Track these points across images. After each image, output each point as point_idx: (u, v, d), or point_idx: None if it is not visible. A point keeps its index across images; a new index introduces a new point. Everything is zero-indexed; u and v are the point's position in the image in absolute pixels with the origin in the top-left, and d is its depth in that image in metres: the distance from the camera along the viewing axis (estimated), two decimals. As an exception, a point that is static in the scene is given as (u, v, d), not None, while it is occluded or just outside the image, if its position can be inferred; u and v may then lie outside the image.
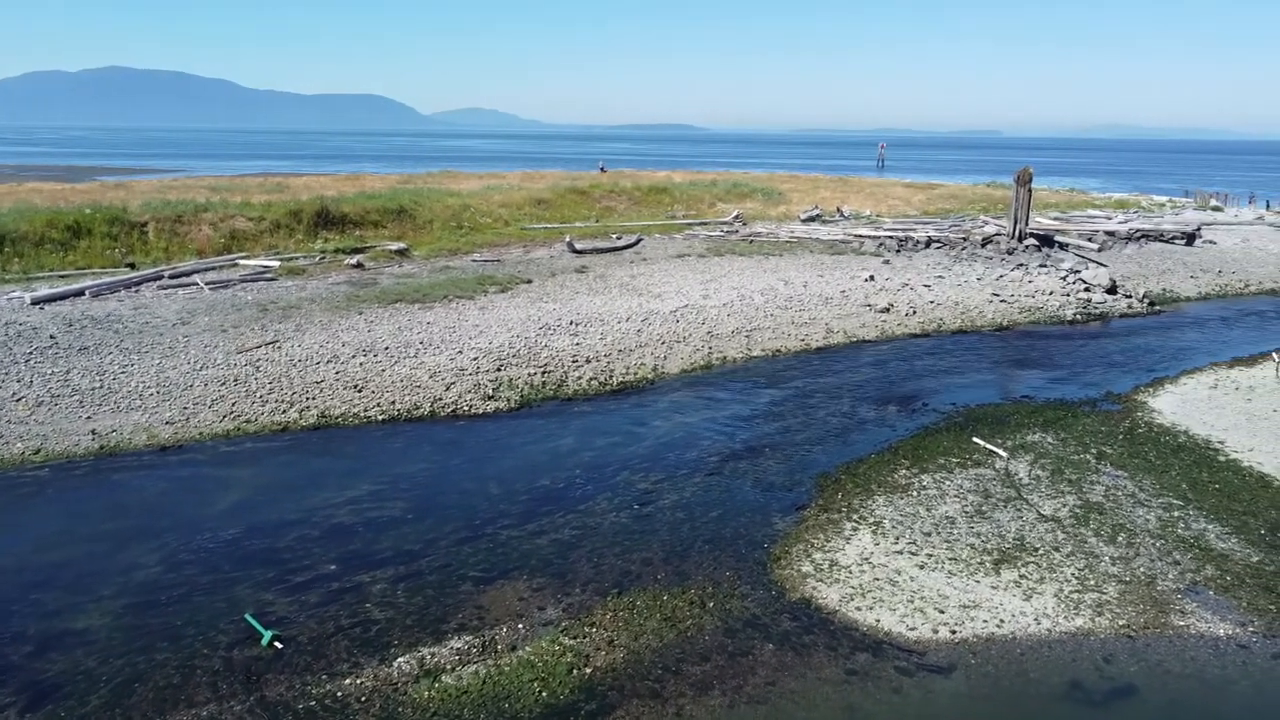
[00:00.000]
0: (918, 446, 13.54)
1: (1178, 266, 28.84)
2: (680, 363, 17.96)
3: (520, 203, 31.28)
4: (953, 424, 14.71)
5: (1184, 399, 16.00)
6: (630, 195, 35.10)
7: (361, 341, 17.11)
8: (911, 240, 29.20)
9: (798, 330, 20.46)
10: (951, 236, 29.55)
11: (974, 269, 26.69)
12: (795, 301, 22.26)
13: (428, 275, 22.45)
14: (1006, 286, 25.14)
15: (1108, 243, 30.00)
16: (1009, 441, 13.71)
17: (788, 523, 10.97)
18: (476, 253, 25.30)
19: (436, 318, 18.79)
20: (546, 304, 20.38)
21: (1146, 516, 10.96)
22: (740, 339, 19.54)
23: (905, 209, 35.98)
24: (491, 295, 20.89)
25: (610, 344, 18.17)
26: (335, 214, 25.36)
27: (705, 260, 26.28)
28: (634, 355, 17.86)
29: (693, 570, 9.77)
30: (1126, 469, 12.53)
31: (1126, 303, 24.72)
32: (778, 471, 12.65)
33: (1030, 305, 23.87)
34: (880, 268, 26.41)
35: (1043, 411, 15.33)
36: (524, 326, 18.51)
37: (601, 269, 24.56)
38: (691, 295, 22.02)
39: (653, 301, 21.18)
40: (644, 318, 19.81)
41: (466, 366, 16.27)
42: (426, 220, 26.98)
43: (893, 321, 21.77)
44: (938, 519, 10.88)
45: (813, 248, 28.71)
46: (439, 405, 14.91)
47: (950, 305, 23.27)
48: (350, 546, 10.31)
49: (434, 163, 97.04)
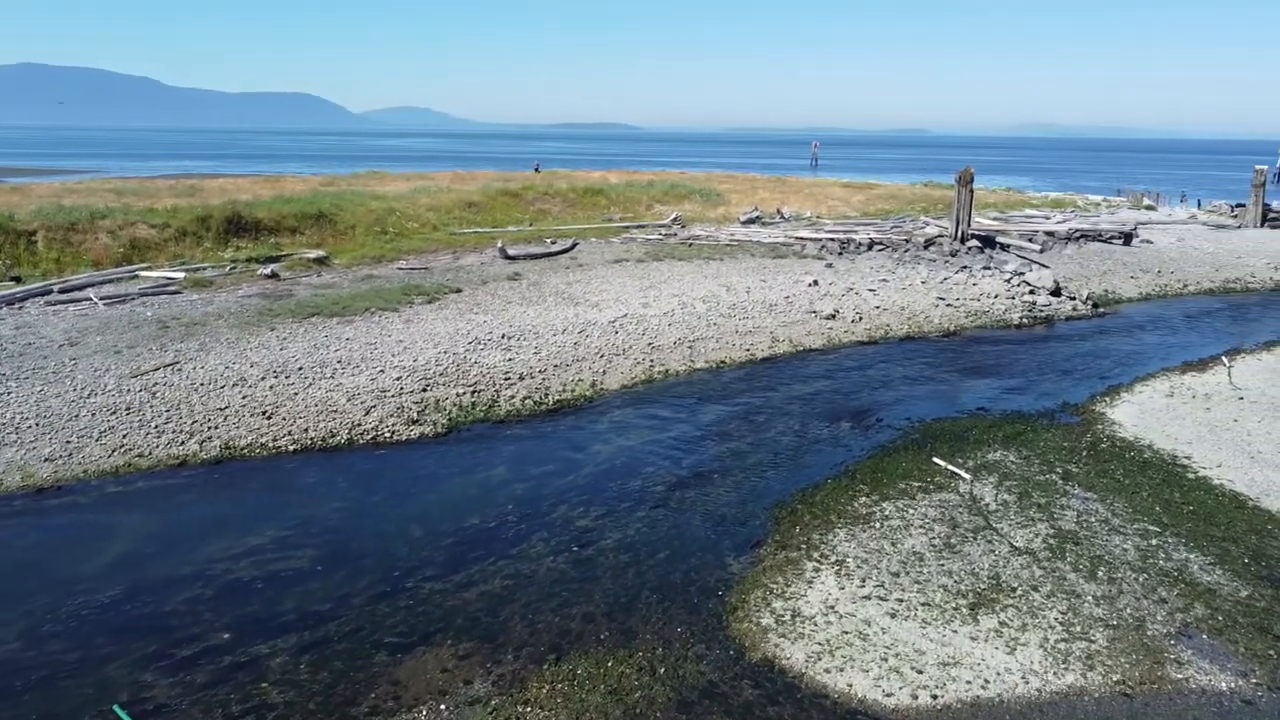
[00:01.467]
0: (876, 469, 12.68)
1: (1118, 267, 28.70)
2: (620, 377, 16.89)
3: (450, 206, 29.87)
4: (910, 442, 13.89)
5: (1143, 409, 15.45)
6: (565, 197, 33.90)
7: (273, 361, 15.67)
8: (854, 242, 28.57)
9: (742, 340, 19.54)
10: (894, 238, 28.99)
11: (918, 272, 26.12)
12: (739, 309, 21.35)
13: (349, 285, 21.00)
14: (952, 290, 24.60)
15: (1048, 243, 29.76)
16: (970, 461, 12.94)
17: (743, 563, 9.96)
18: (402, 260, 23.88)
19: (357, 333, 17.40)
20: (477, 315, 19.12)
21: (1124, 546, 10.21)
22: (683, 350, 18.54)
23: (845, 210, 35.42)
24: (418, 306, 19.55)
25: (545, 359, 17.01)
26: (248, 220, 23.68)
27: (644, 265, 25.26)
28: (571, 370, 16.74)
29: (640, 626, 8.69)
30: (1096, 490, 11.82)
31: (1071, 305, 24.37)
32: (729, 501, 11.66)
33: (976, 309, 23.35)
34: (823, 271, 25.68)
35: (1001, 426, 14.62)
36: (452, 341, 17.23)
37: (536, 276, 23.36)
38: (631, 304, 20.96)
39: (590, 311, 20.07)
40: (581, 329, 18.68)
41: (389, 388, 14.96)
42: (348, 225, 25.42)
43: (839, 329, 21.00)
44: (905, 555, 9.98)
45: (754, 251, 27.88)
46: (358, 432, 13.61)
47: (896, 310, 22.61)
48: (249, 608, 9.01)
49: (363, 163, 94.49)
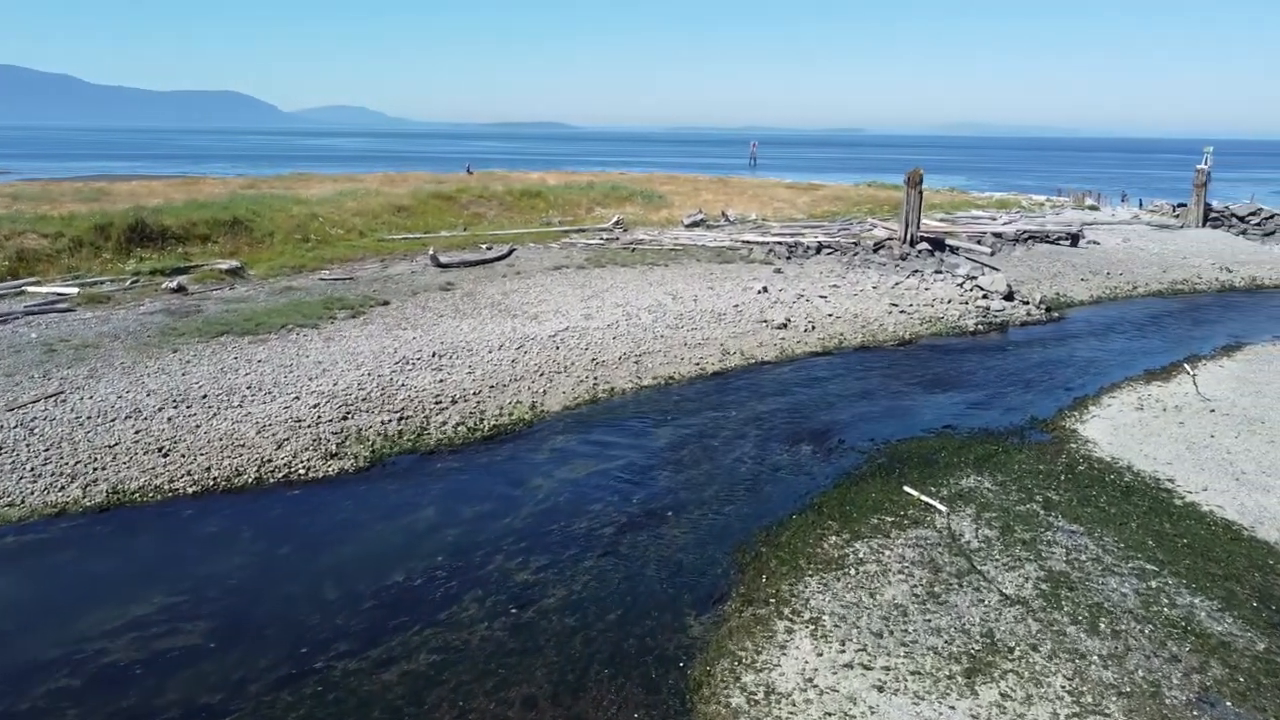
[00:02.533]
0: (844, 501, 11.60)
1: (1067, 269, 28.25)
2: (562, 398, 15.60)
3: (378, 210, 28.20)
4: (877, 467, 12.86)
5: (1115, 425, 14.65)
6: (501, 200, 32.43)
7: (173, 389, 14.03)
8: (802, 246, 27.65)
9: (691, 353, 18.39)
10: (842, 241, 28.16)
11: (869, 276, 25.28)
12: (686, 319, 20.20)
13: (264, 299, 19.33)
14: (904, 296, 23.79)
15: (997, 245, 29.22)
16: (944, 489, 11.94)
17: (706, 624, 8.77)
18: (325, 269, 22.25)
19: (270, 353, 15.81)
20: (405, 331, 17.64)
21: (1122, 590, 9.26)
22: (629, 366, 17.32)
23: (791, 211, 34.56)
24: (340, 322, 17.99)
25: (480, 379, 15.64)
26: (154, 227, 21.77)
27: (585, 273, 23.97)
28: (508, 392, 15.40)
29: (591, 711, 7.44)
30: (1081, 522, 10.89)
31: (1025, 309, 23.74)
32: (686, 545, 10.46)
33: (930, 315, 22.55)
34: (772, 277, 24.68)
35: (971, 446, 13.68)
36: (377, 361, 15.75)
37: (470, 285, 21.92)
38: (572, 315, 19.66)
39: (529, 324, 18.72)
40: (519, 345, 17.34)
41: (304, 416, 13.45)
42: (266, 232, 23.66)
43: (791, 339, 19.98)
44: (886, 609, 8.89)
45: (699, 256, 26.79)
46: (268, 470, 12.11)
47: (849, 318, 21.68)
48: (123, 702, 7.56)
49: (291, 163, 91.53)
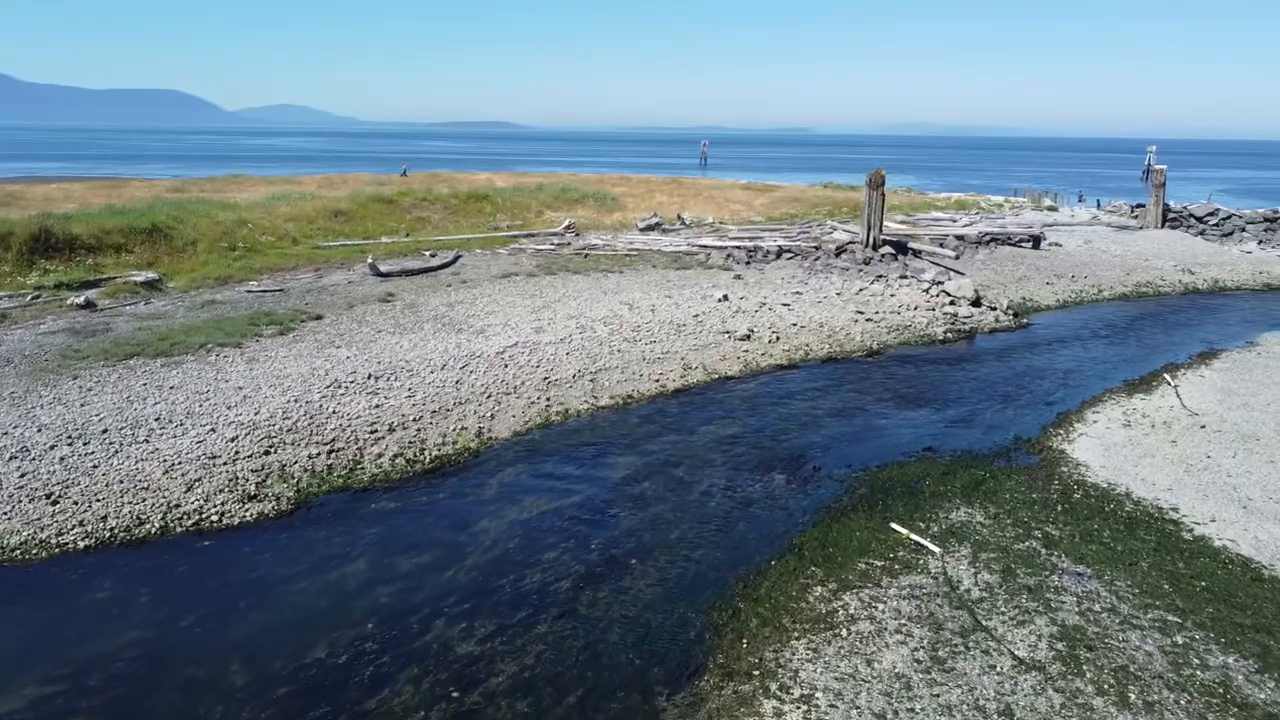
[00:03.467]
0: (826, 541, 10.45)
1: (1032, 272, 27.56)
2: (512, 423, 14.28)
3: (313, 215, 26.53)
4: (858, 499, 11.75)
5: (1104, 444, 13.73)
6: (446, 203, 30.89)
7: (69, 422, 12.43)
8: (761, 250, 26.59)
9: (650, 369, 17.17)
10: (803, 245, 27.15)
11: (831, 282, 24.30)
12: (644, 331, 18.97)
13: (184, 314, 17.67)
14: (869, 302, 22.83)
15: (959, 248, 28.45)
16: (933, 525, 10.86)
17: (681, 706, 7.53)
18: (254, 280, 20.60)
19: (185, 378, 14.23)
20: (339, 349, 16.15)
21: (1147, 648, 8.21)
22: (584, 384, 16.04)
23: (748, 214, 33.51)
24: (267, 340, 16.43)
25: (422, 403, 14.24)
26: (61, 236, 19.91)
27: (536, 281, 22.62)
28: (453, 417, 14.03)
29: (547, 833, 6.17)
30: (1088, 562, 9.86)
31: (993, 316, 22.92)
32: (653, 601, 9.22)
33: (898, 323, 21.59)
34: (732, 284, 23.57)
35: (956, 472, 12.64)
36: (306, 385, 14.26)
37: (412, 296, 20.45)
38: (522, 329, 18.32)
39: (475, 340, 17.34)
40: (464, 364, 15.96)
41: (220, 452, 11.96)
42: (189, 241, 21.90)
43: (755, 351, 18.86)
44: (886, 681, 7.73)
45: (656, 261, 25.58)
46: (175, 516, 10.63)
47: (815, 328, 20.63)
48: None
49: (231, 164, 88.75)
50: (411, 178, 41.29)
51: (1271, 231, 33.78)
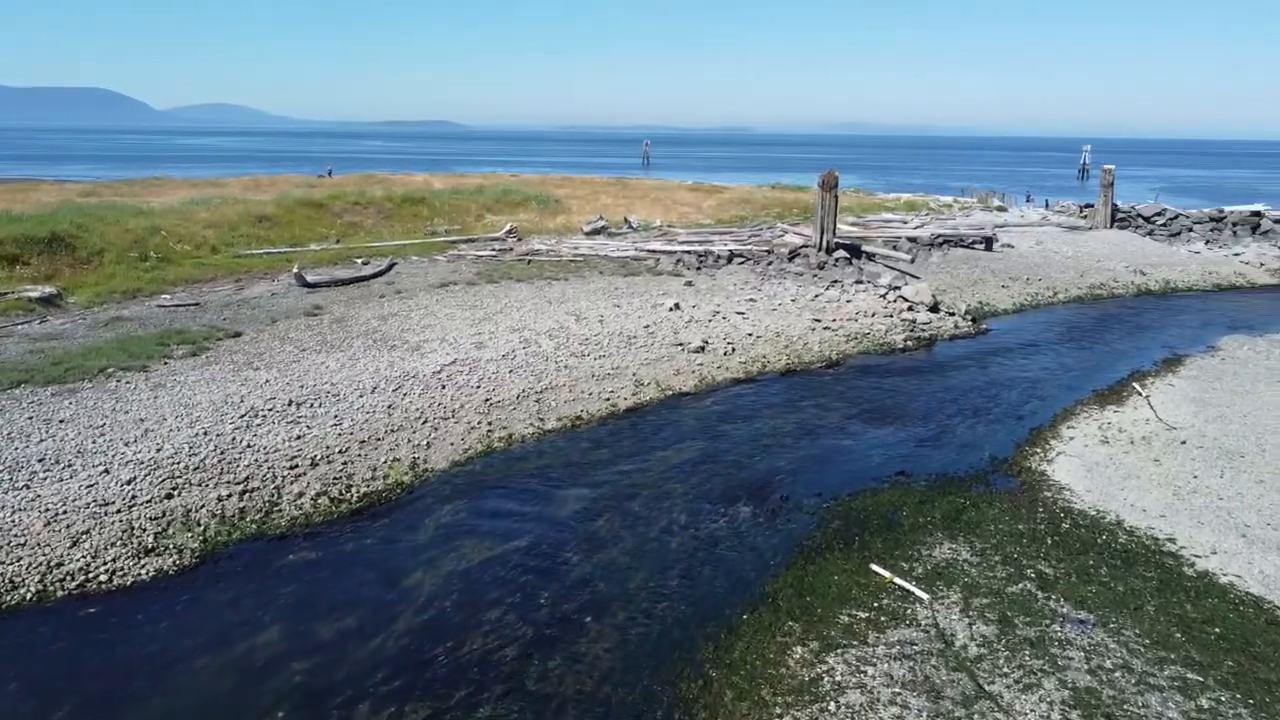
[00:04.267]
0: (803, 588, 9.40)
1: (987, 275, 26.98)
2: (450, 451, 13.01)
3: (235, 221, 24.79)
4: (833, 534, 10.73)
5: (1085, 464, 12.92)
6: (380, 207, 29.29)
7: (-65, 466, 10.84)
8: (712, 255, 25.58)
9: (600, 386, 16.01)
10: (755, 249, 26.21)
11: (786, 288, 23.37)
12: (593, 344, 17.79)
13: (84, 334, 16.00)
14: (826, 309, 21.94)
15: (913, 250, 27.77)
16: (917, 564, 9.88)
17: (649, 812, 6.39)
18: (167, 293, 18.93)
19: (79, 409, 12.66)
20: (258, 372, 14.67)
21: (1169, 714, 7.29)
22: (529, 406, 14.81)
23: (696, 216, 32.50)
24: (176, 362, 14.88)
25: (349, 432, 12.88)
26: (-55, 248, 18.07)
27: (476, 290, 21.29)
28: (384, 447, 12.70)
29: None
30: (1089, 607, 8.95)
31: (953, 322, 22.21)
32: (612, 671, 8.05)
33: (856, 331, 20.73)
34: (684, 291, 22.49)
35: (934, 500, 11.71)
36: (218, 415, 12.79)
37: (342, 309, 18.98)
38: (462, 344, 17.00)
39: (410, 358, 15.98)
40: (397, 385, 14.61)
41: (113, 497, 10.48)
42: (94, 250, 20.09)
43: (710, 364, 17.81)
44: (886, 769, 6.68)
45: (602, 268, 24.40)
46: (56, 578, 9.18)
47: (771, 338, 19.65)
48: None
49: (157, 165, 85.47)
50: (344, 179, 39.48)
51: (1217, 232, 33.80)
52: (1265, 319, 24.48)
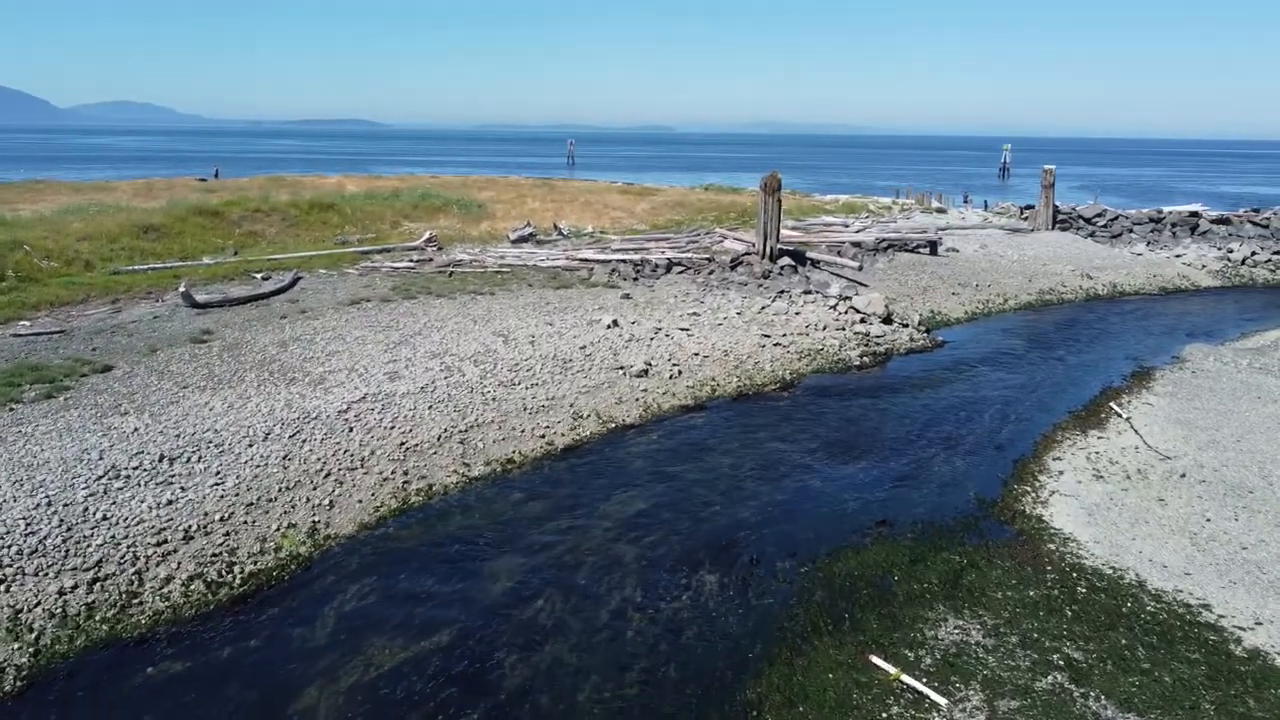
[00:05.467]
0: (792, 695, 7.69)
1: (935, 282, 25.79)
2: (358, 510, 11.00)
3: (116, 232, 22.07)
4: (816, 610, 9.05)
5: (1085, 507, 11.51)
6: (285, 214, 26.73)
7: None
8: (650, 264, 23.82)
9: (533, 421, 14.10)
10: (695, 257, 24.53)
11: (730, 299, 21.72)
12: (524, 370, 15.85)
13: (-88, 373, 13.43)
14: (774, 323, 20.35)
15: (858, 255, 26.45)
16: (922, 652, 8.25)
17: None
18: (26, 319, 16.34)
19: (-112, 476, 10.25)
20: (126, 418, 12.35)
21: None
22: (452, 448, 12.84)
23: (630, 222, 30.68)
24: (25, 407, 12.44)
25: (234, 492, 10.74)
26: None
27: (391, 308, 19.12)
28: (277, 510, 10.60)
29: None
30: (1137, 709, 7.42)
31: (908, 334, 20.85)
32: (565, 834, 6.20)
33: (808, 348, 19.20)
34: (621, 305, 20.68)
35: (925, 557, 10.15)
36: (69, 477, 10.50)
37: (235, 333, 16.65)
38: (373, 375, 14.89)
39: (313, 394, 13.81)
40: (296, 430, 12.46)
41: (-84, 600, 8.21)
42: (-61, 270, 17.38)
43: (656, 389, 16.05)
44: None
45: (532, 279, 22.43)
46: None
47: (719, 357, 17.98)
48: None
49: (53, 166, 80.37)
50: (248, 182, 36.53)
51: (1157, 233, 33.39)
52: (1218, 324, 23.80)
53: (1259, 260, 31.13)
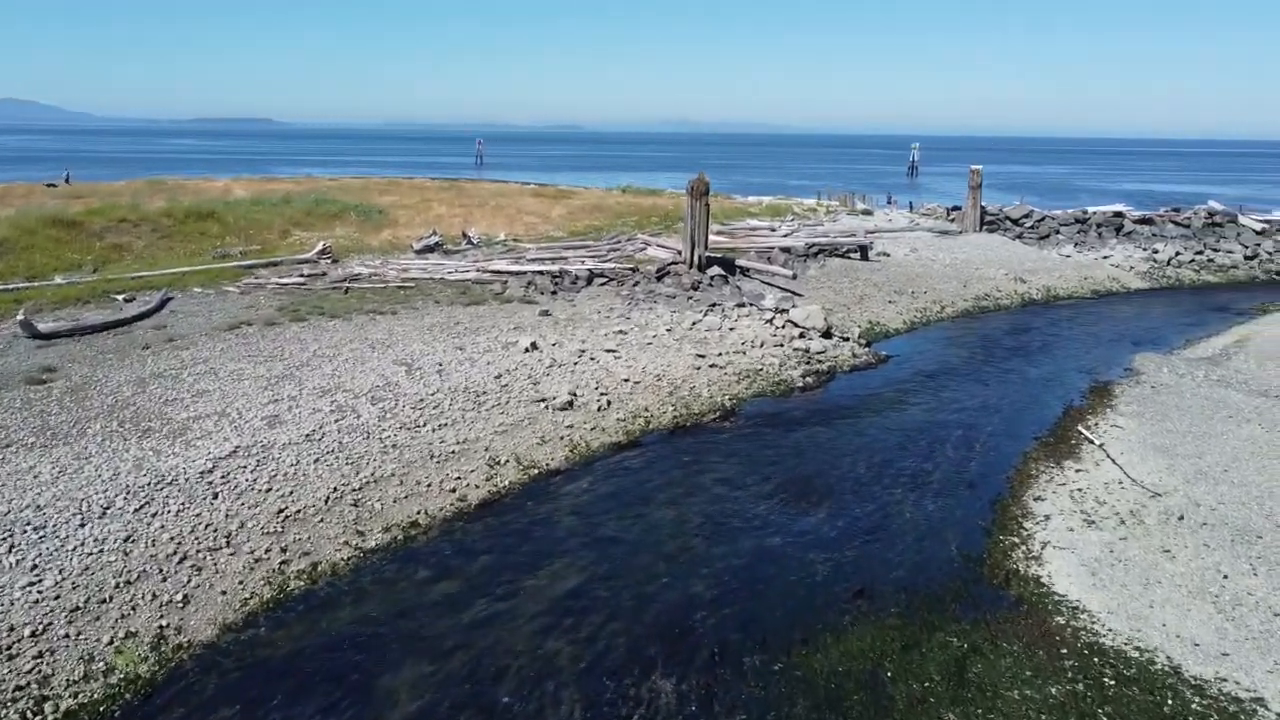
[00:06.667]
0: None
1: (870, 289, 24.46)
2: (220, 606, 8.80)
3: (-54, 248, 19.10)
4: (802, 731, 7.27)
5: (1084, 563, 10.03)
6: (157, 224, 23.81)
7: None
8: (569, 276, 21.85)
9: (442, 471, 12.03)
10: (618, 268, 22.66)
11: (659, 314, 19.92)
12: (430, 408, 13.74)
13: None
14: (708, 340, 18.63)
15: (789, 261, 24.98)
16: (942, 789, 6.53)
17: None
18: None
19: None
20: (-77, 491, 9.84)
21: None
22: (343, 512, 10.69)
23: (545, 227, 28.59)
24: None
25: (54, 594, 8.42)
26: None
27: (276, 333, 16.74)
28: (111, 614, 8.34)
29: None
30: None
31: (849, 349, 19.37)
32: None
33: (747, 368, 17.53)
34: (540, 324, 18.67)
35: (919, 643, 8.51)
36: None
37: (85, 370, 14.09)
38: (249, 420, 12.58)
39: (172, 450, 11.45)
40: (145, 501, 10.13)
41: None
42: None
43: (583, 424, 14.13)
44: None
45: (439, 295, 20.23)
46: None
47: (652, 382, 16.15)
48: None
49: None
50: (123, 186, 33.07)
51: (1083, 233, 32.91)
52: (1159, 330, 23.05)
53: (1183, 261, 30.85)
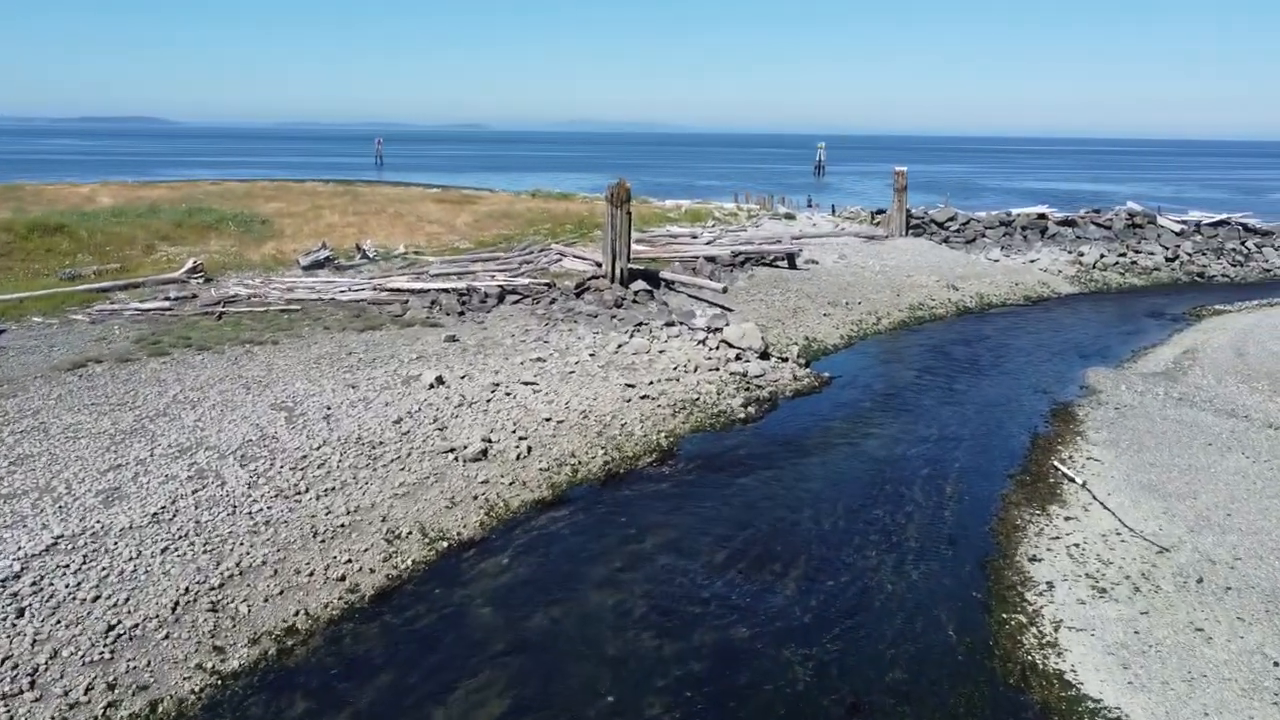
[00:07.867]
0: None
1: (804, 301, 22.91)
2: (13, 786, 6.42)
3: None
4: None
5: (1108, 648, 8.43)
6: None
7: None
8: (478, 293, 19.62)
9: (328, 554, 9.78)
10: (532, 283, 20.51)
11: (580, 336, 17.90)
12: (315, 467, 11.43)
13: None
14: (636, 366, 16.70)
15: (716, 273, 23.25)
16: None
17: None
18: None
19: None
20: None
21: None
22: (197, 623, 8.37)
23: (450, 237, 26.16)
24: None
25: None
26: None
27: (130, 372, 14.12)
28: None
29: None
30: None
31: (789, 370, 17.71)
32: None
33: (682, 398, 15.67)
34: (446, 351, 16.45)
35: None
36: None
37: (-127, 432, 11.30)
38: (80, 496, 10.08)
39: (-34, 544, 8.91)
40: (-84, 629, 7.64)
41: None
42: None
43: (500, 478, 12.03)
44: None
45: (329, 319, 17.78)
46: None
47: (577, 420, 14.13)
48: None
49: None
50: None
51: (1009, 236, 32.14)
52: (1101, 340, 22.11)
53: (1108, 263, 30.33)
